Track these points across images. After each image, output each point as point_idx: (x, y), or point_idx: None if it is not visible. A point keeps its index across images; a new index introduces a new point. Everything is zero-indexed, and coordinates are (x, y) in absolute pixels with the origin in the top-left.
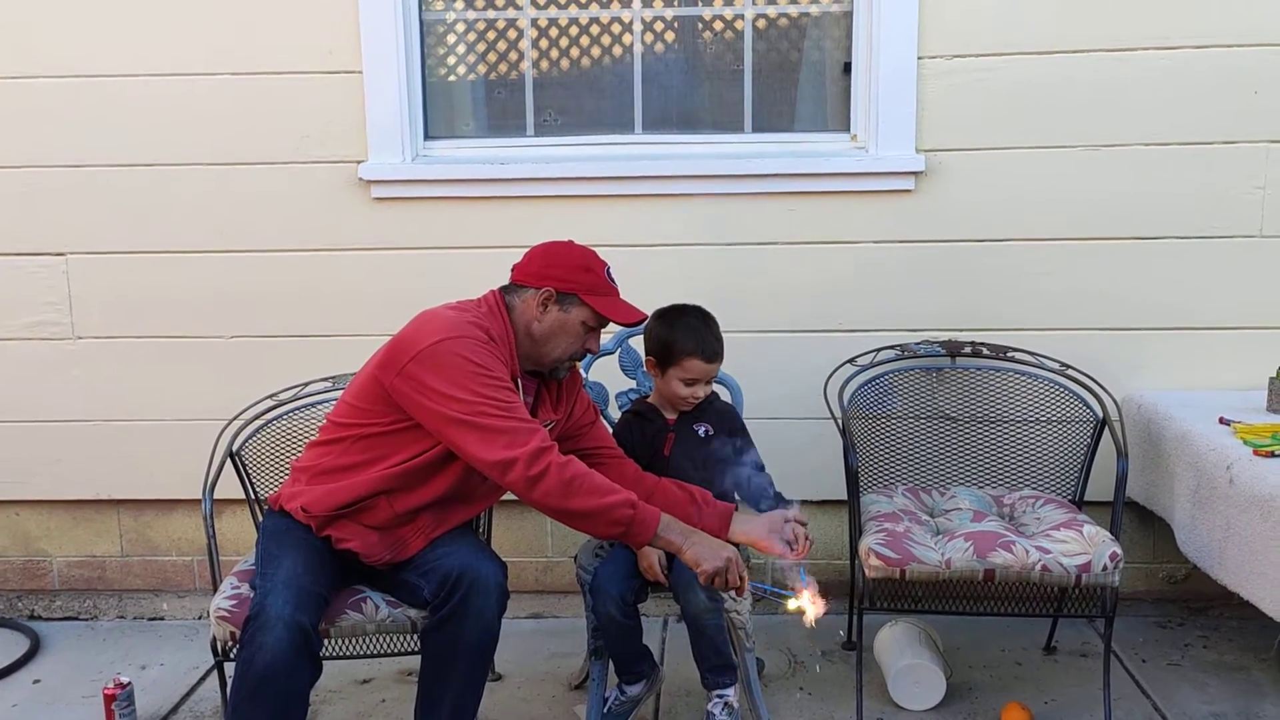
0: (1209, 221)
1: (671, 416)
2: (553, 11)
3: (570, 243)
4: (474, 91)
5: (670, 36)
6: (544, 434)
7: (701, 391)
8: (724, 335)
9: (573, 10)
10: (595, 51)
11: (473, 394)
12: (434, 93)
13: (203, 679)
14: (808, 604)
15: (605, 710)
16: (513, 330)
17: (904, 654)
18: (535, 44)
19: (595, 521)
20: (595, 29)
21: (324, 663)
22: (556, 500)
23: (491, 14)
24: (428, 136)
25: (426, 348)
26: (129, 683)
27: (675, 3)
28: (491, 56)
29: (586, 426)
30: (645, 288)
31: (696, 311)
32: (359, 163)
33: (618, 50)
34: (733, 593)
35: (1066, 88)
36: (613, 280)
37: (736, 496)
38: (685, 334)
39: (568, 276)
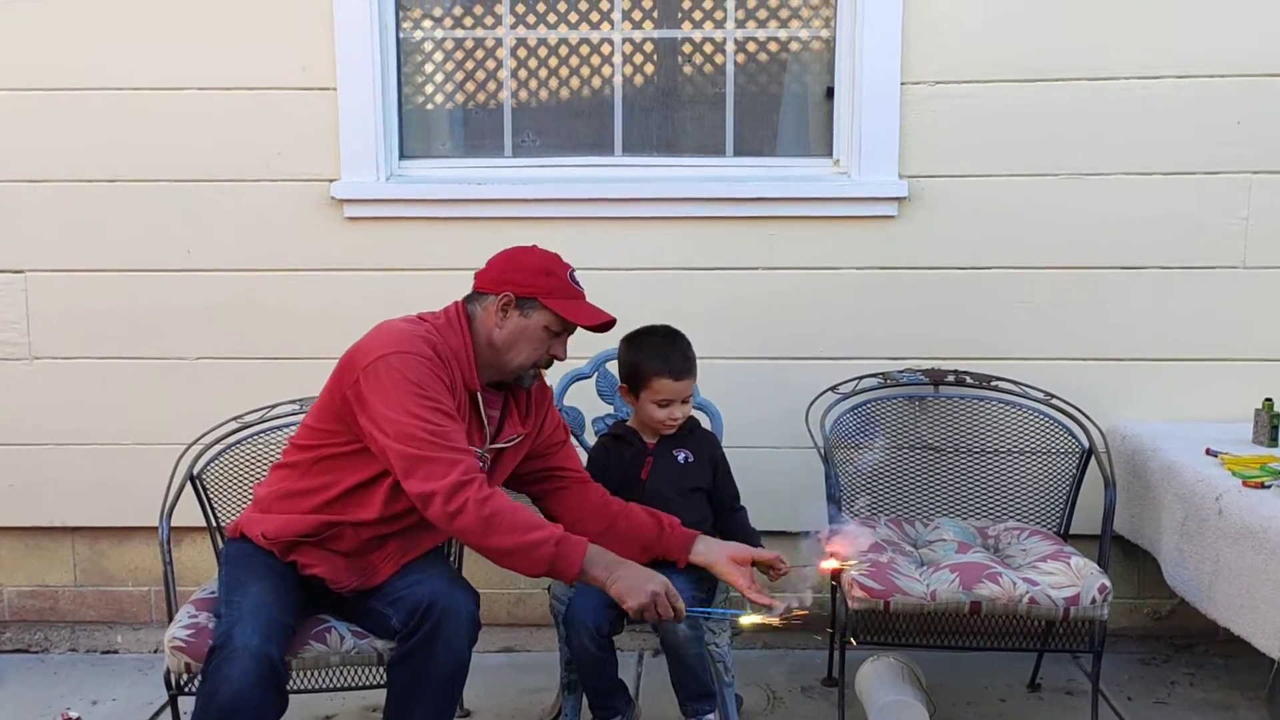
0: (1192, 252)
1: (651, 441)
2: (532, 32)
3: (533, 247)
4: (451, 111)
5: (651, 59)
6: (467, 465)
7: (679, 413)
8: (703, 361)
9: (553, 31)
10: (575, 73)
11: (405, 414)
12: (410, 112)
13: (156, 715)
14: (761, 614)
15: None
16: (472, 341)
17: (887, 690)
18: (514, 65)
19: (518, 559)
20: (575, 50)
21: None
22: (476, 538)
23: (470, 34)
24: (403, 156)
25: (371, 362)
26: (78, 718)
27: (656, 25)
28: (469, 76)
29: (556, 446)
30: (623, 312)
31: (663, 330)
32: (332, 181)
33: (598, 72)
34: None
35: (1050, 115)
36: (576, 283)
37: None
38: (651, 354)
39: (527, 280)
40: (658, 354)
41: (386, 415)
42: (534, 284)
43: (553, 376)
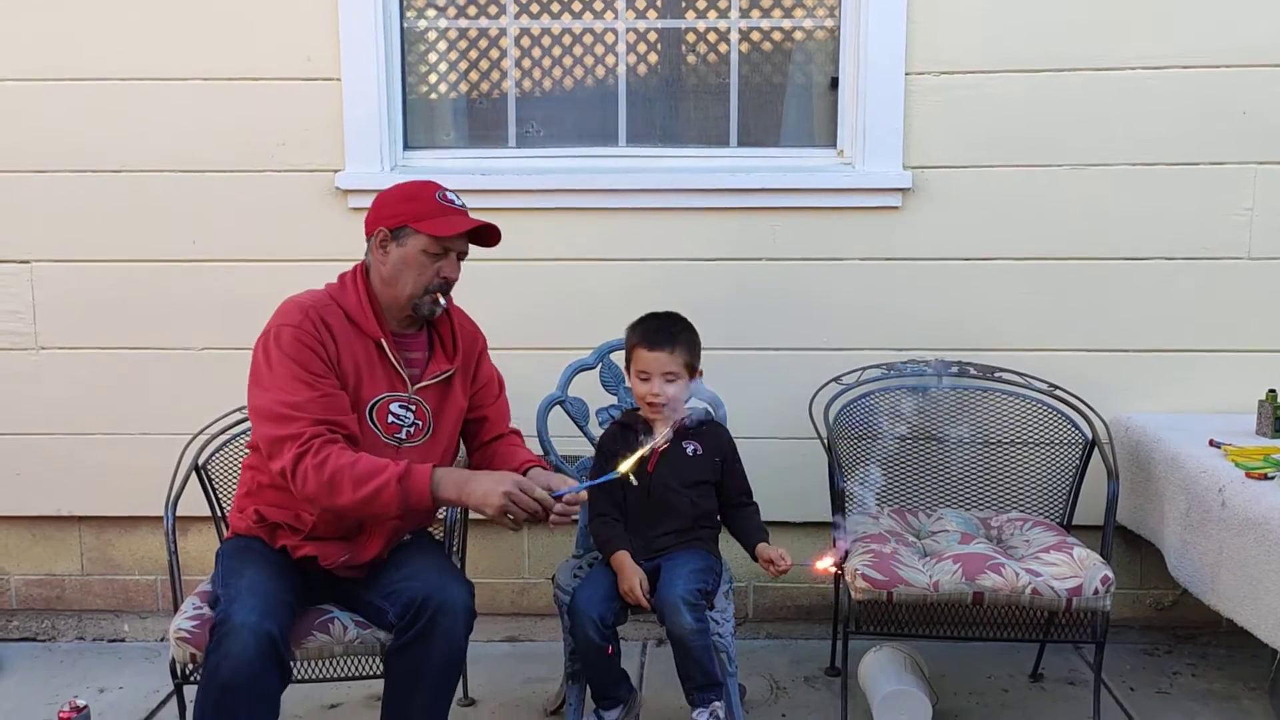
0: (1196, 243)
1: (659, 431)
2: (536, 22)
3: (408, 180)
4: (455, 101)
5: (655, 49)
6: (303, 438)
7: (659, 388)
8: (707, 352)
9: (557, 21)
10: (579, 62)
11: (262, 395)
12: (414, 102)
13: (163, 703)
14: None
15: None
16: (369, 290)
17: (889, 680)
18: (518, 54)
19: (369, 508)
20: (579, 40)
21: (291, 686)
22: (326, 501)
23: (474, 23)
24: (407, 146)
25: (259, 336)
26: (85, 706)
27: (660, 14)
28: (473, 66)
29: (491, 400)
30: (627, 302)
31: (663, 313)
32: (336, 172)
33: (601, 62)
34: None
35: (1055, 106)
36: (446, 201)
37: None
38: (636, 327)
39: (394, 211)
40: (641, 326)
41: (250, 402)
42: (401, 212)
43: (556, 367)
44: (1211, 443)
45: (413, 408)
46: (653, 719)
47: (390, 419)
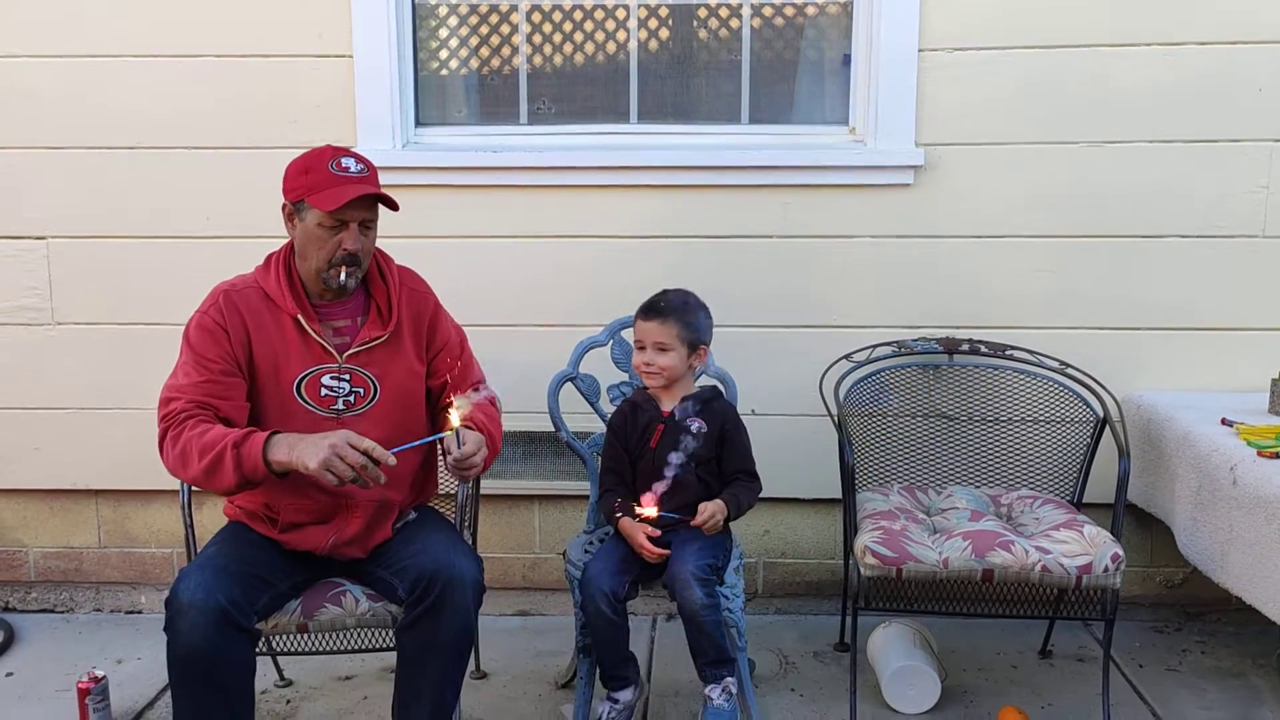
0: (1211, 221)
1: (667, 409)
2: None
3: (311, 149)
4: (466, 78)
5: (667, 24)
6: (170, 415)
7: (650, 357)
8: (717, 330)
9: None
10: (590, 40)
11: (172, 373)
12: (426, 79)
13: None
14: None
15: None
16: (291, 267)
17: (899, 656)
18: (529, 30)
19: (214, 478)
20: (590, 15)
21: (305, 658)
22: (182, 475)
23: (486, 0)
24: (419, 123)
25: None
26: (104, 676)
27: None
28: (484, 42)
29: (451, 363)
30: (638, 278)
31: (672, 289)
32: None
33: (613, 38)
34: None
35: (1069, 82)
36: (342, 169)
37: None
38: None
39: (293, 185)
40: (647, 300)
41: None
42: (298, 186)
43: (567, 345)
44: (1224, 421)
45: (347, 377)
46: (664, 694)
47: (324, 392)
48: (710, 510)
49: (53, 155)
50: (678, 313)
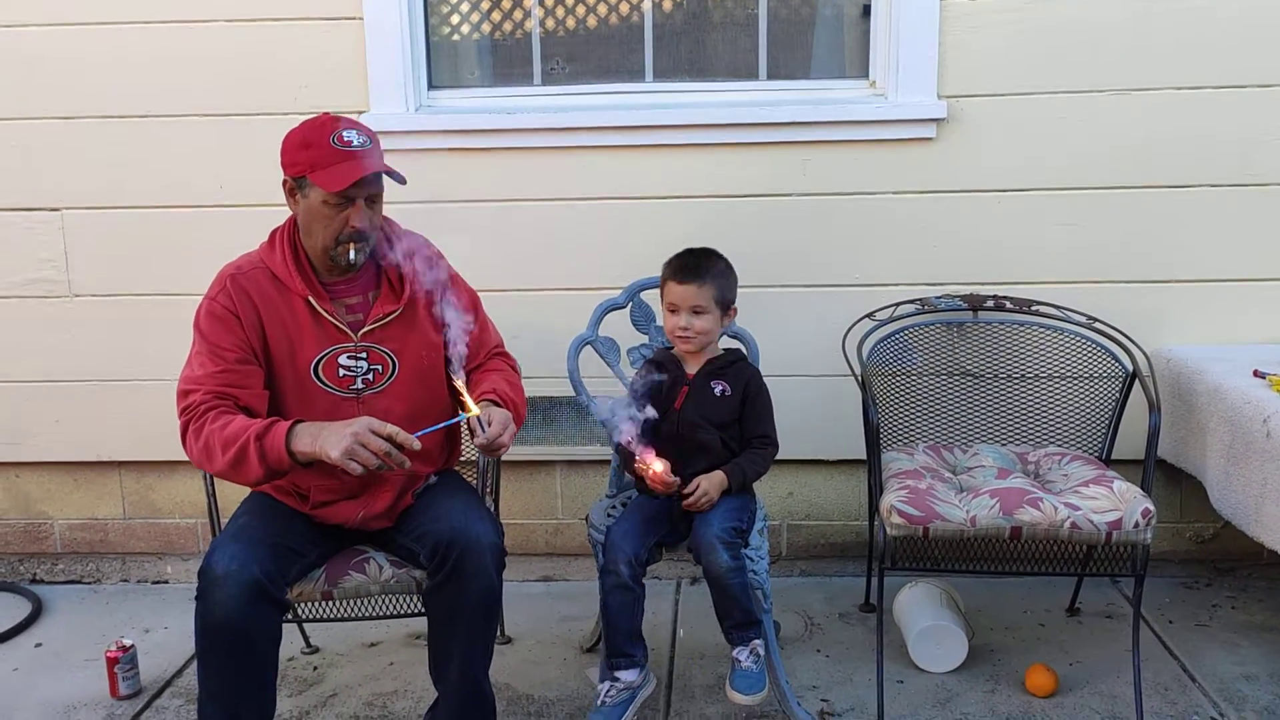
0: (1243, 169)
1: (691, 370)
2: None
3: (308, 120)
4: (479, 41)
5: None
6: (191, 408)
7: (686, 322)
8: (738, 290)
9: None
10: None
11: (186, 364)
12: (438, 42)
13: None
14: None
15: (598, 704)
16: (296, 245)
17: (925, 615)
18: None
19: (243, 468)
20: None
21: (332, 625)
22: (207, 466)
23: None
24: (431, 86)
25: None
26: (132, 645)
27: None
28: (496, 5)
29: (471, 322)
30: (657, 240)
31: (698, 249)
32: (360, 113)
33: None
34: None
35: (1095, 29)
36: (344, 143)
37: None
38: (671, 262)
39: (292, 160)
40: (674, 260)
41: None
42: (299, 162)
43: (586, 307)
44: (1256, 373)
45: (364, 355)
46: (689, 657)
47: (341, 372)
48: (702, 488)
49: (63, 125)
50: (714, 274)
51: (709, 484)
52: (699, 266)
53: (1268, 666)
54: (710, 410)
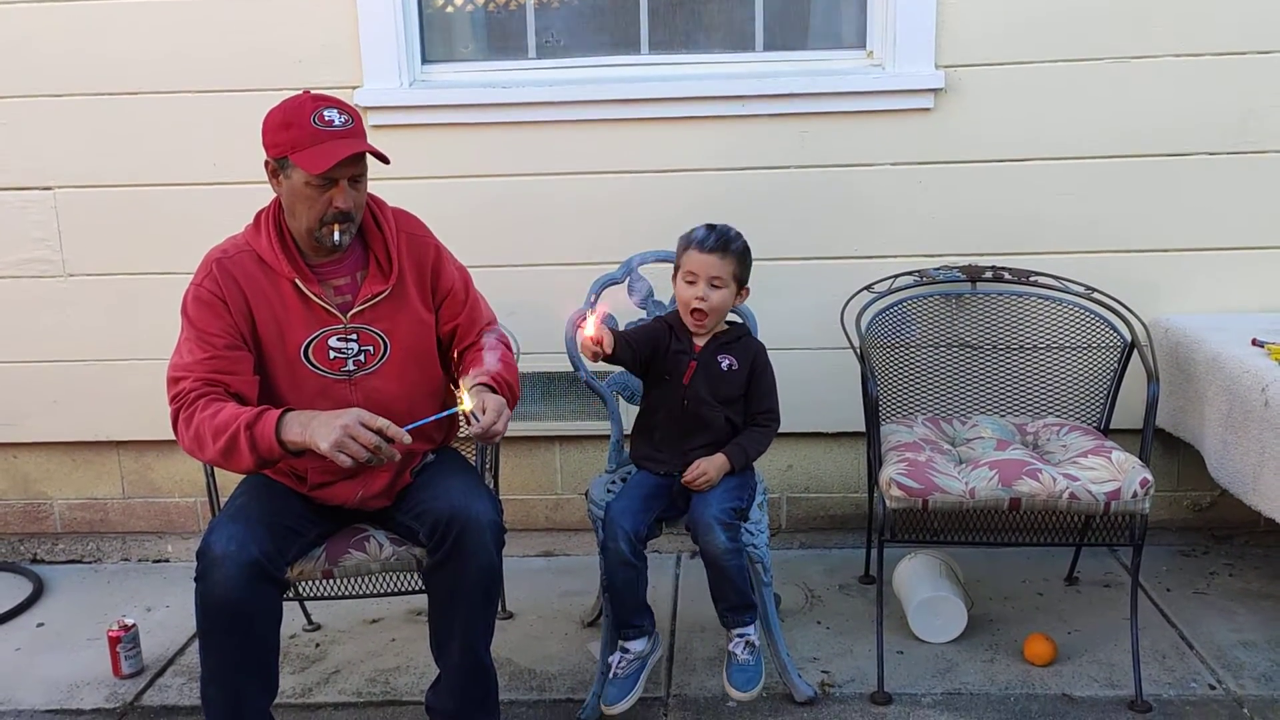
0: (1241, 137)
1: (699, 344)
2: None
3: (288, 99)
4: (472, 13)
5: None
6: (181, 395)
7: (703, 293)
8: None
9: None
10: None
11: (175, 351)
12: (431, 15)
13: None
14: (469, 401)
15: (610, 676)
16: (280, 227)
17: (924, 586)
18: None
19: (234, 457)
20: None
21: (333, 602)
22: (198, 455)
23: None
24: (425, 60)
25: None
26: (134, 624)
27: None
28: None
29: (459, 309)
30: (653, 214)
31: (719, 224)
32: (354, 89)
33: None
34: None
35: None
36: (325, 122)
37: None
38: (689, 233)
39: (274, 141)
40: (695, 231)
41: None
42: (280, 142)
43: (583, 283)
44: (1254, 342)
45: (354, 337)
46: (690, 630)
47: (332, 354)
48: (701, 468)
49: (54, 103)
50: (736, 250)
51: (709, 465)
52: (724, 238)
53: (1265, 633)
54: (718, 385)
